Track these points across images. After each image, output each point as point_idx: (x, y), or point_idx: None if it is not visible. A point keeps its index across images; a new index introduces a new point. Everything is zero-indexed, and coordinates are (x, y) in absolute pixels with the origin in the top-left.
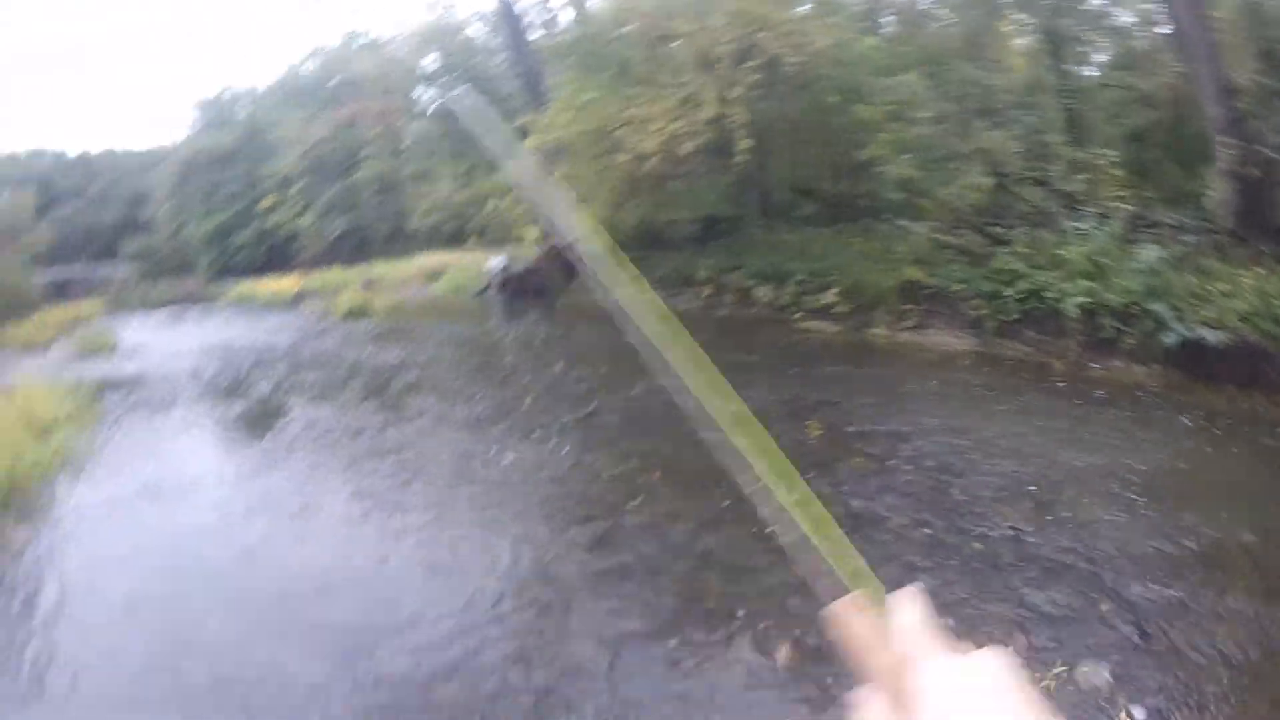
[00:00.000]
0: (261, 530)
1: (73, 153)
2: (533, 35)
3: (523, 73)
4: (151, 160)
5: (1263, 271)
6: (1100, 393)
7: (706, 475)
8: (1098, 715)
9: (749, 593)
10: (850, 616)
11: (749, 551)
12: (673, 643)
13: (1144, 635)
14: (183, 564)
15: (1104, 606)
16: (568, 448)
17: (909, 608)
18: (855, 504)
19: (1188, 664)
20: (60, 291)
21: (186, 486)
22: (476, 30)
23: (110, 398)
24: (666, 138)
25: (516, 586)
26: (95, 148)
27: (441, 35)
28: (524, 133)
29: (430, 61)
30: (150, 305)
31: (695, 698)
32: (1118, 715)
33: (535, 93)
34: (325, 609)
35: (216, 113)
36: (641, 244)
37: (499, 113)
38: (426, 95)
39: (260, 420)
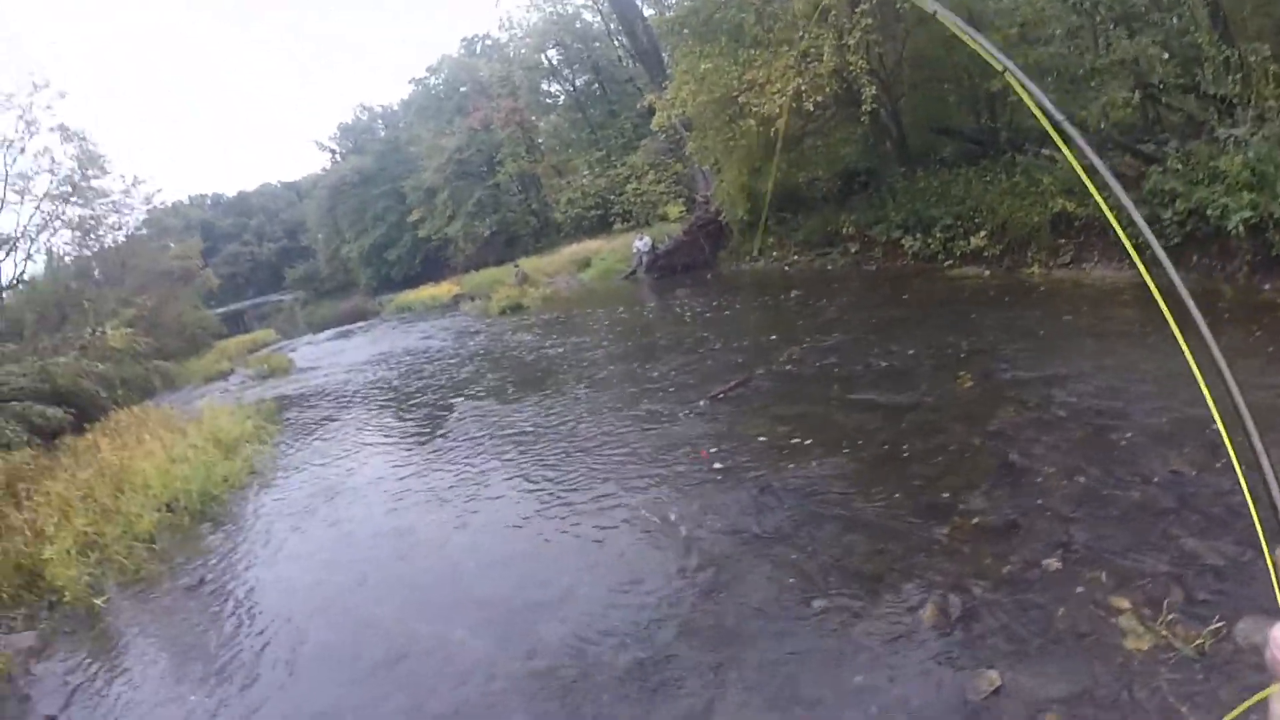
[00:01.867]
0: (427, 519)
1: (231, 192)
2: (647, 13)
3: (642, 52)
4: (304, 188)
5: None
6: (1271, 320)
7: (854, 436)
8: (1257, 674)
9: (895, 552)
10: None
11: (895, 513)
12: (821, 603)
13: None
14: (358, 555)
15: (1274, 556)
16: (722, 417)
17: None
18: (1010, 453)
19: None
20: (235, 324)
21: (361, 487)
22: (592, 17)
23: (289, 412)
24: (789, 96)
25: (674, 552)
26: (251, 184)
27: (558, 28)
28: (650, 111)
29: (551, 54)
30: (318, 326)
31: (844, 653)
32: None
33: (656, 71)
34: (488, 587)
35: (356, 135)
36: (782, 206)
37: (623, 95)
38: (553, 88)
39: (426, 419)
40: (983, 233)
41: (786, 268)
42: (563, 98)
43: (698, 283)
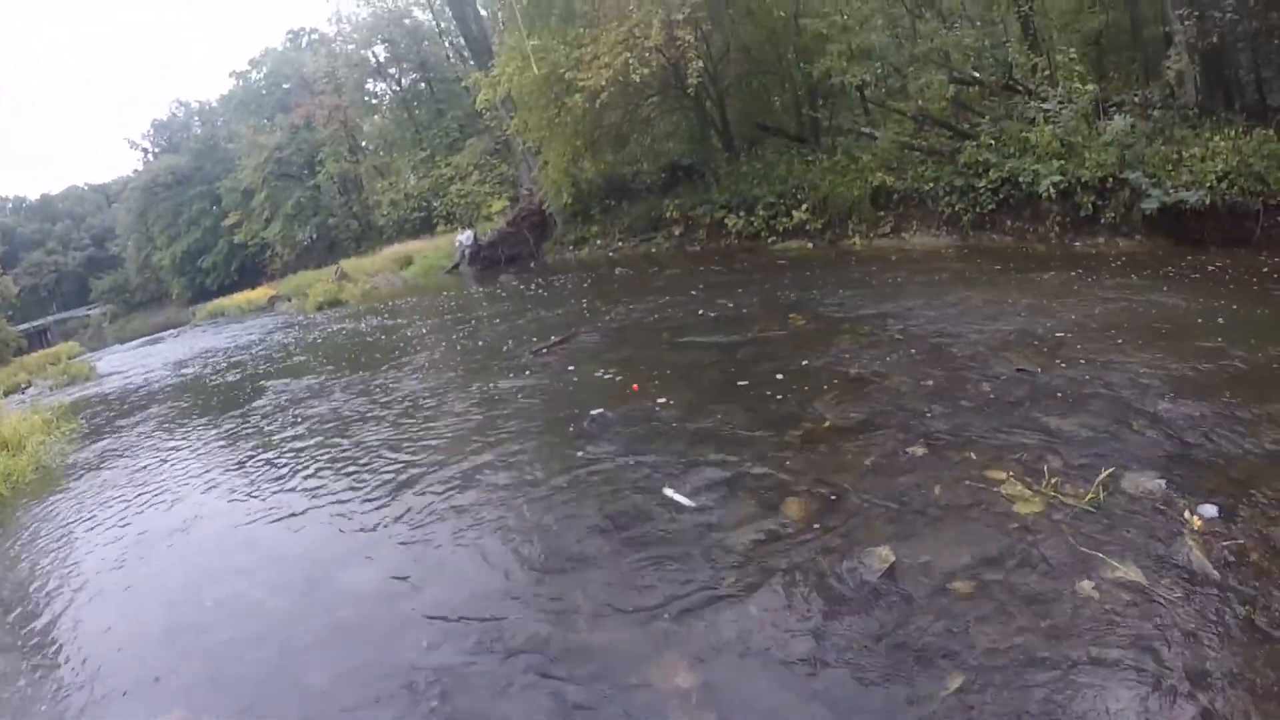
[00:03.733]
0: (195, 497)
1: (34, 195)
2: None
3: (471, 40)
4: (114, 192)
5: (1234, 134)
6: (1086, 265)
7: (687, 371)
8: (1157, 517)
9: (745, 459)
10: None
11: (740, 427)
12: (667, 516)
13: (1185, 444)
14: (137, 540)
15: (1135, 425)
16: (548, 369)
17: None
18: (853, 370)
19: (1240, 466)
20: (38, 341)
21: (150, 477)
22: (423, 14)
23: (85, 413)
24: (616, 70)
25: (503, 492)
26: (57, 187)
27: (387, 24)
28: (477, 113)
29: (379, 51)
30: (127, 339)
31: (709, 561)
32: (1181, 515)
33: (485, 60)
34: (288, 547)
35: (171, 133)
36: (607, 195)
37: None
38: (378, 87)
39: (227, 405)
40: (804, 207)
41: (611, 253)
42: (388, 96)
43: (522, 270)
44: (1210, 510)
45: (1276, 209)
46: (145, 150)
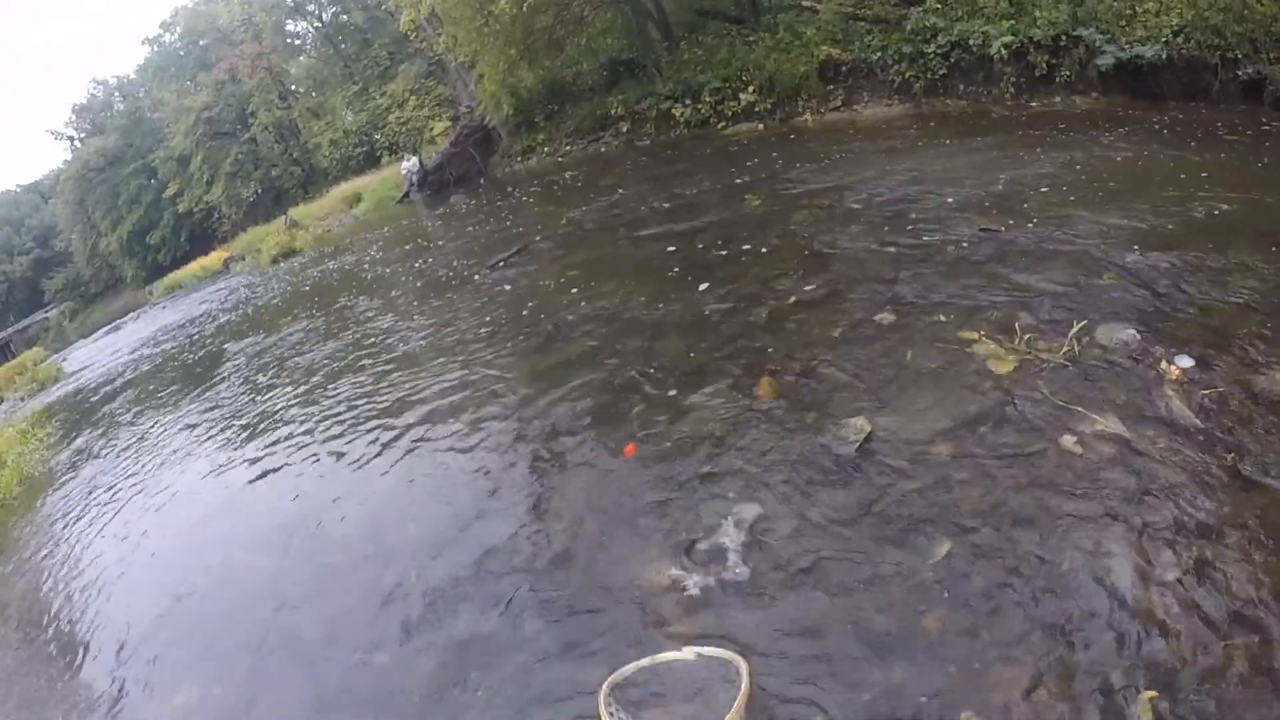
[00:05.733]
0: (174, 474)
1: None
2: None
3: None
4: (47, 188)
5: None
6: (1043, 124)
7: (647, 263)
8: (1134, 367)
9: (712, 343)
10: None
11: (704, 311)
12: (641, 409)
13: (1157, 295)
14: (125, 529)
15: (1104, 278)
16: (506, 280)
17: None
18: (813, 243)
19: (1213, 314)
20: (1, 355)
21: (129, 465)
22: None
23: (59, 416)
24: None
25: (476, 402)
26: None
27: None
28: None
29: None
30: (89, 333)
31: (684, 446)
32: (1158, 366)
33: None
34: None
35: (94, 114)
36: (549, 101)
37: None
38: (299, 27)
39: (198, 376)
40: (751, 89)
41: (560, 159)
42: (311, 35)
43: (472, 189)
44: (1187, 360)
45: (1234, 63)
46: (71, 138)
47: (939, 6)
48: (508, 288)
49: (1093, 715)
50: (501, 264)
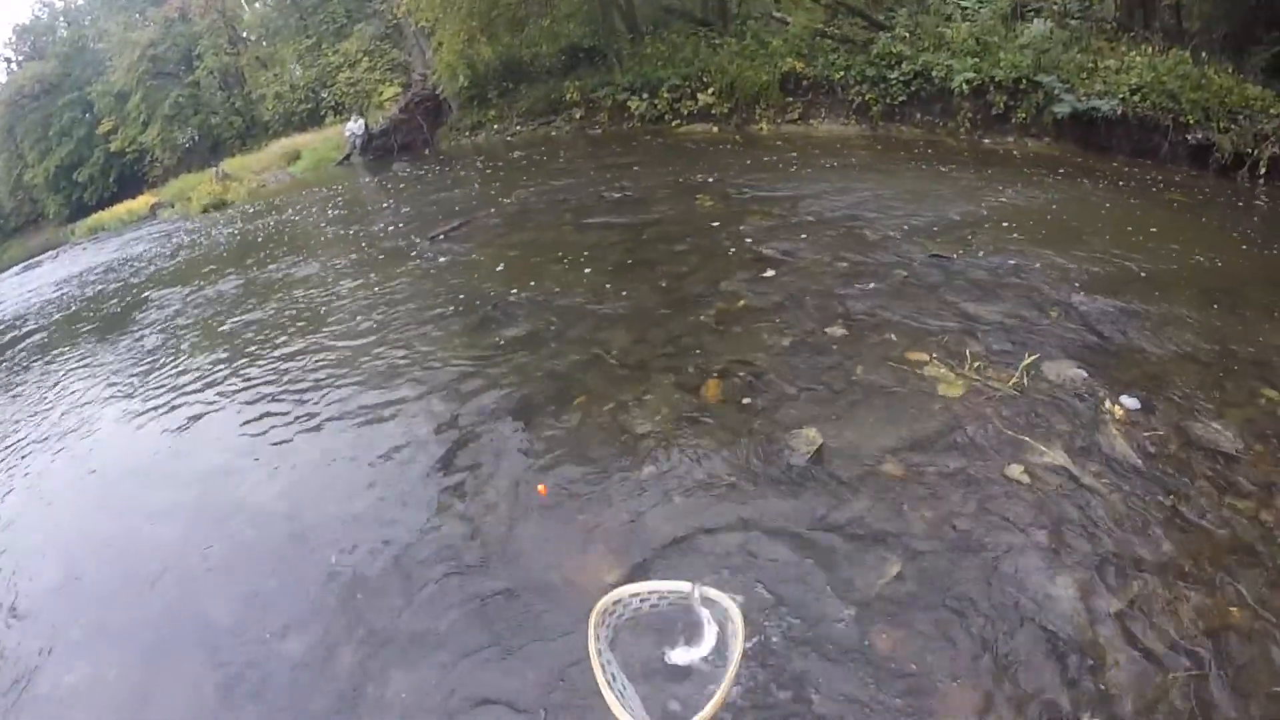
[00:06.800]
0: (81, 431)
1: None
2: None
3: None
4: None
5: (1151, 51)
6: (996, 162)
7: (592, 252)
8: (1079, 405)
9: (657, 341)
10: None
11: (650, 308)
12: (581, 399)
13: (1102, 337)
14: (22, 490)
15: (1051, 314)
16: (446, 254)
17: None
18: (764, 249)
19: (1154, 361)
20: None
21: (34, 418)
22: None
23: None
24: None
25: (409, 382)
26: None
27: None
28: None
29: None
30: (3, 268)
31: (622, 446)
32: (1102, 404)
33: None
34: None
35: (35, 38)
36: (504, 78)
37: None
38: None
39: (104, 326)
40: (711, 90)
41: (509, 137)
42: None
43: (416, 159)
44: (1132, 401)
45: (1185, 127)
46: (9, 60)
47: (907, 35)
48: (445, 261)
49: None
50: (442, 237)
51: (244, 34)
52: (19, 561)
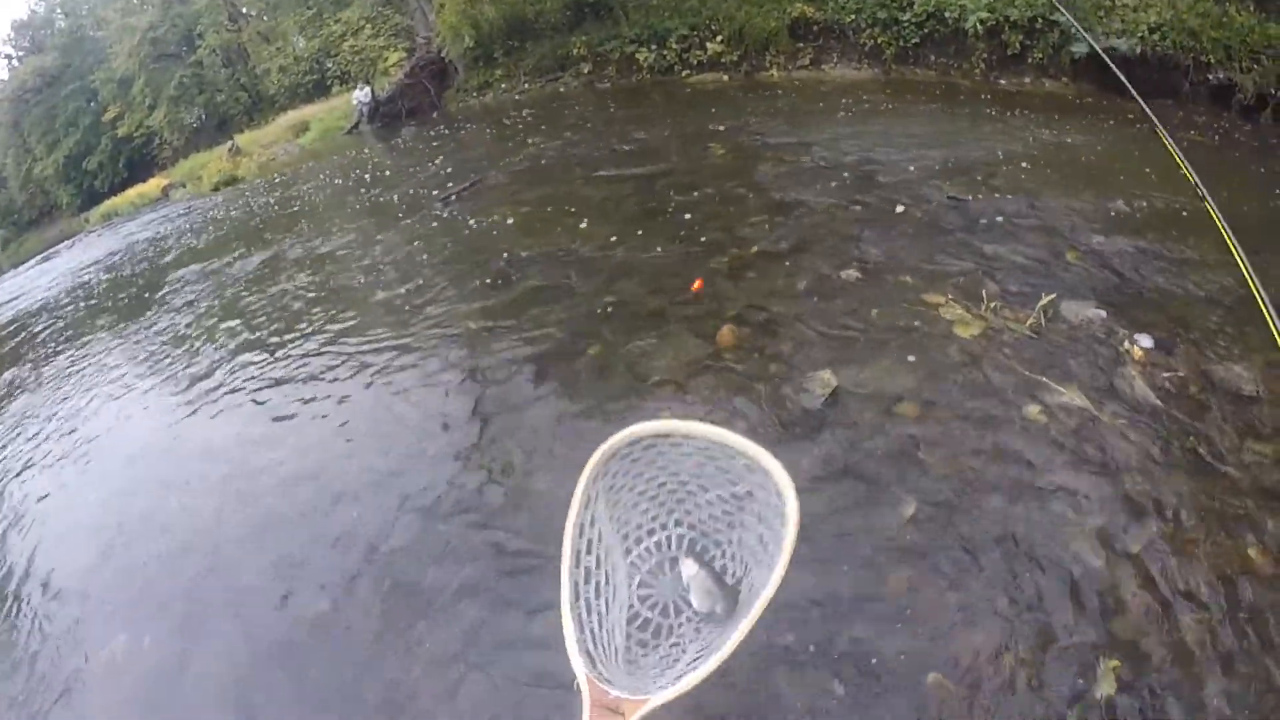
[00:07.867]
0: (108, 411)
1: None
2: None
3: None
4: None
5: None
6: (1012, 104)
7: (604, 204)
8: (1097, 345)
9: (673, 288)
10: None
11: (665, 256)
12: (596, 349)
13: (1121, 278)
14: (55, 470)
15: (1069, 256)
16: (460, 213)
17: None
18: (777, 196)
19: (1174, 300)
20: None
21: (60, 402)
22: None
23: None
24: None
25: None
26: None
27: None
28: None
29: None
30: (22, 261)
31: (638, 393)
32: (1121, 345)
33: None
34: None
35: (34, 32)
36: (509, 36)
37: None
38: None
39: (125, 309)
40: (719, 39)
41: (517, 96)
42: None
43: (424, 122)
44: (1148, 341)
45: (1206, 66)
46: (9, 56)
47: None
48: (460, 219)
49: (1058, 681)
50: (454, 197)
51: (244, 9)
52: (57, 538)
